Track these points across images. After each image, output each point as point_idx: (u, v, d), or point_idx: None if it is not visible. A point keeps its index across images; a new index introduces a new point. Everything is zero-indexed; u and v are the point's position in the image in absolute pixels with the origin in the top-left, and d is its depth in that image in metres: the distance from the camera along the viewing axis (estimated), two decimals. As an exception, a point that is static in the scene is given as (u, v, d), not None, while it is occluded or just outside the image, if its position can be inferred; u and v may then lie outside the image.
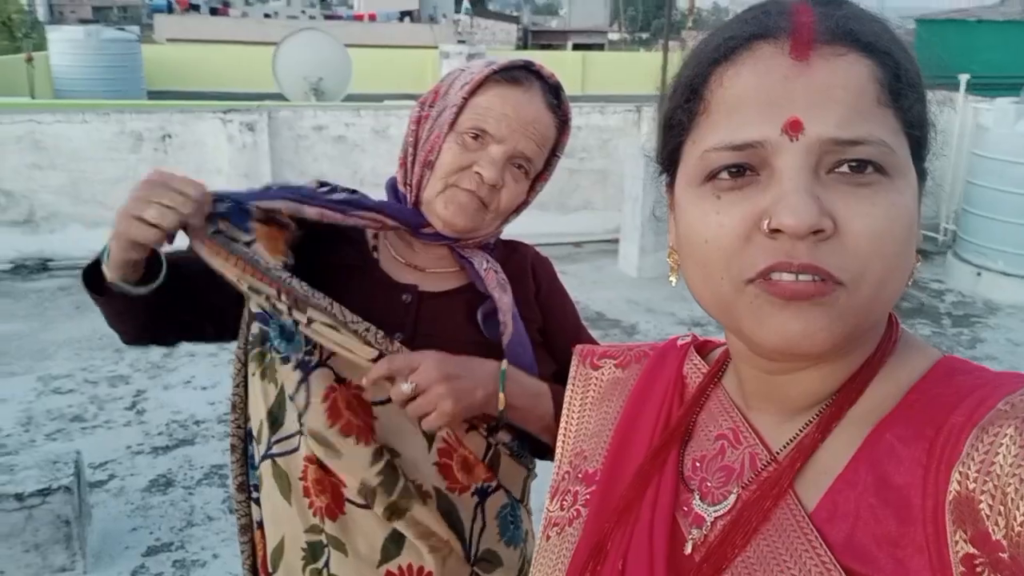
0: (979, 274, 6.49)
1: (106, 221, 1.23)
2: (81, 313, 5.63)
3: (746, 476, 0.68)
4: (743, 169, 0.61)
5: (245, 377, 1.30)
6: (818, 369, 0.66)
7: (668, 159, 0.70)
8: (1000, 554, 0.53)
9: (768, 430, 0.70)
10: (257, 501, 1.31)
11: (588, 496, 0.80)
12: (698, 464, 0.73)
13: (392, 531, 1.22)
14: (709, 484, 0.71)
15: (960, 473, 0.55)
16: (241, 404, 1.31)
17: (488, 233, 1.35)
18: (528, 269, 1.44)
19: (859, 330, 0.62)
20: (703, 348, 0.84)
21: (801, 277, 0.58)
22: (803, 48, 0.58)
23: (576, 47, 27.84)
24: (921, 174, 0.64)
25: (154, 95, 13.69)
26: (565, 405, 0.91)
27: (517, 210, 1.35)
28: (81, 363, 4.85)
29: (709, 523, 0.68)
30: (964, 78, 7.03)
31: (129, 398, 4.44)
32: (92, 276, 1.23)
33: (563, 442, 0.89)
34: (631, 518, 0.73)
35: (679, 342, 0.85)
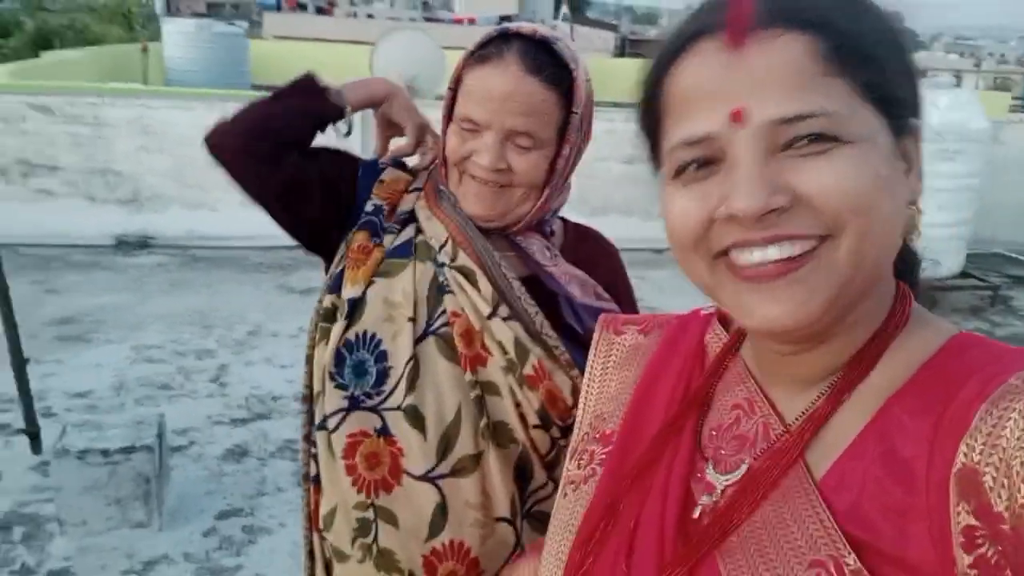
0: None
1: (206, 203, 1.38)
2: (176, 289, 5.91)
3: (759, 446, 0.70)
4: (707, 161, 0.63)
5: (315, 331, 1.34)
6: (827, 345, 0.67)
7: (655, 160, 0.72)
8: (1001, 526, 0.53)
9: (782, 401, 0.71)
10: (315, 457, 1.35)
11: (604, 456, 0.82)
12: (714, 433, 0.74)
13: (439, 504, 1.24)
14: (723, 452, 0.72)
15: (967, 445, 0.56)
16: (311, 357, 1.34)
17: (530, 213, 1.32)
18: (597, 256, 1.43)
19: (846, 294, 0.62)
20: (726, 319, 0.84)
21: (769, 254, 0.61)
22: (738, 37, 0.60)
23: (673, 57, 27.35)
24: (903, 128, 0.64)
25: (258, 88, 14.18)
26: (588, 369, 0.92)
27: (553, 178, 1.30)
28: (172, 335, 5.08)
29: (720, 490, 0.70)
30: None
31: (213, 371, 4.63)
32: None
33: (584, 404, 0.91)
34: (646, 482, 0.75)
35: (703, 312, 0.87)
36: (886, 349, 0.67)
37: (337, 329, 1.29)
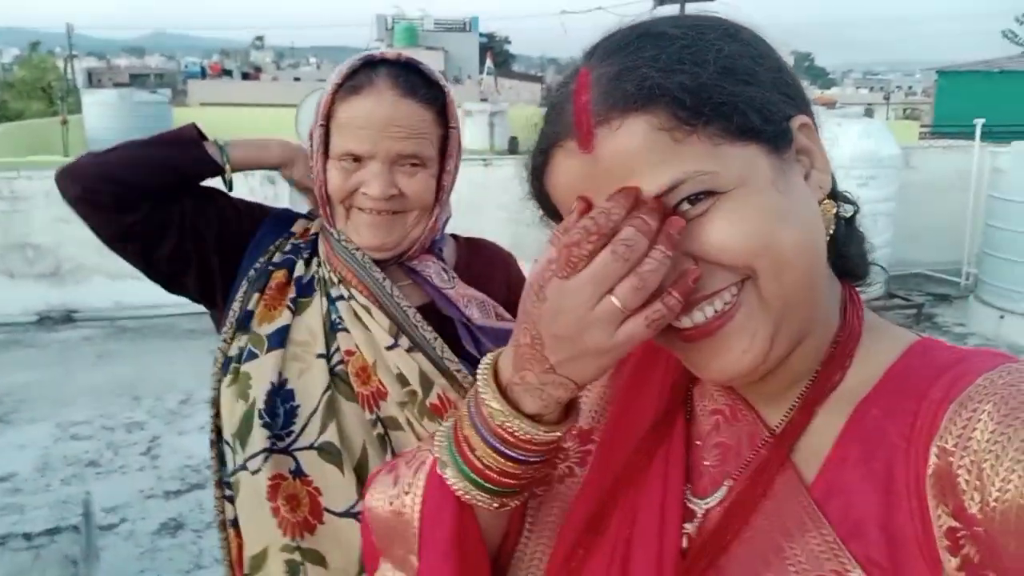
0: (1002, 317, 6.40)
1: (130, 272, 1.37)
2: (103, 362, 5.72)
3: (744, 455, 0.69)
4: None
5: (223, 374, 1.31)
6: (789, 359, 0.67)
7: None
8: (975, 528, 0.54)
9: (762, 407, 0.71)
10: (230, 499, 1.30)
11: (582, 453, 0.79)
12: (698, 443, 0.73)
13: None
14: (707, 463, 0.71)
15: (938, 447, 0.57)
16: (217, 401, 1.31)
17: (423, 235, 1.32)
18: (494, 271, 1.43)
19: (787, 323, 0.63)
20: None
21: (696, 319, 0.62)
22: (585, 143, 0.61)
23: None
24: (783, 137, 0.63)
25: (184, 155, 14.02)
26: None
27: (442, 196, 1.32)
28: (100, 410, 4.91)
29: (700, 514, 0.69)
30: (979, 123, 7.04)
31: (144, 444, 4.47)
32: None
33: None
34: (635, 488, 0.72)
35: None
36: (854, 351, 0.67)
37: (268, 365, 1.26)
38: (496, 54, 37.32)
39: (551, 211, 0.70)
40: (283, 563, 1.24)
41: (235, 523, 1.30)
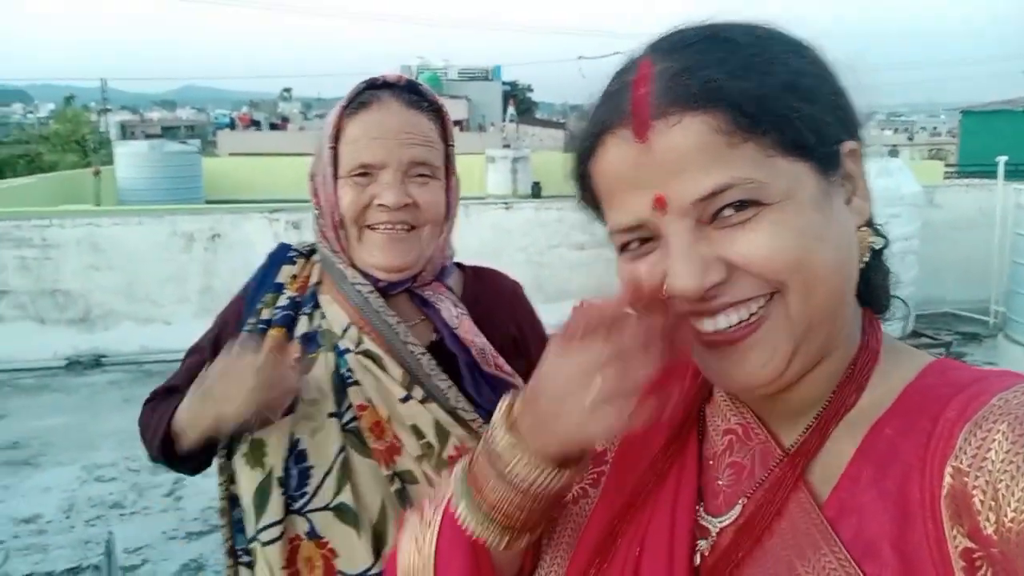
0: (1032, 355, 6.29)
1: (157, 318, 1.37)
2: (129, 405, 5.76)
3: (757, 474, 0.69)
4: (645, 239, 0.66)
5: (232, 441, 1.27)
6: (805, 380, 0.67)
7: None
8: (991, 549, 0.54)
9: (777, 428, 0.71)
10: (248, 565, 1.26)
11: (596, 474, 0.79)
12: (711, 462, 0.73)
13: None
14: (720, 483, 0.71)
15: (953, 468, 0.57)
16: (228, 468, 1.27)
17: (435, 256, 1.31)
18: (498, 295, 1.41)
19: (808, 342, 0.64)
20: None
21: (720, 323, 0.63)
22: (640, 132, 0.62)
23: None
24: (833, 159, 0.65)
25: (212, 202, 14.32)
26: None
27: (449, 213, 1.32)
28: (125, 453, 4.94)
29: (715, 533, 0.69)
30: (1002, 160, 7.00)
31: (168, 486, 4.50)
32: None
33: None
34: (646, 509, 0.72)
35: None
36: (871, 373, 0.67)
37: (280, 430, 1.22)
38: (519, 101, 37.82)
39: (590, 196, 0.71)
40: None
41: None
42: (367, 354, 1.26)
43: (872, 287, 0.72)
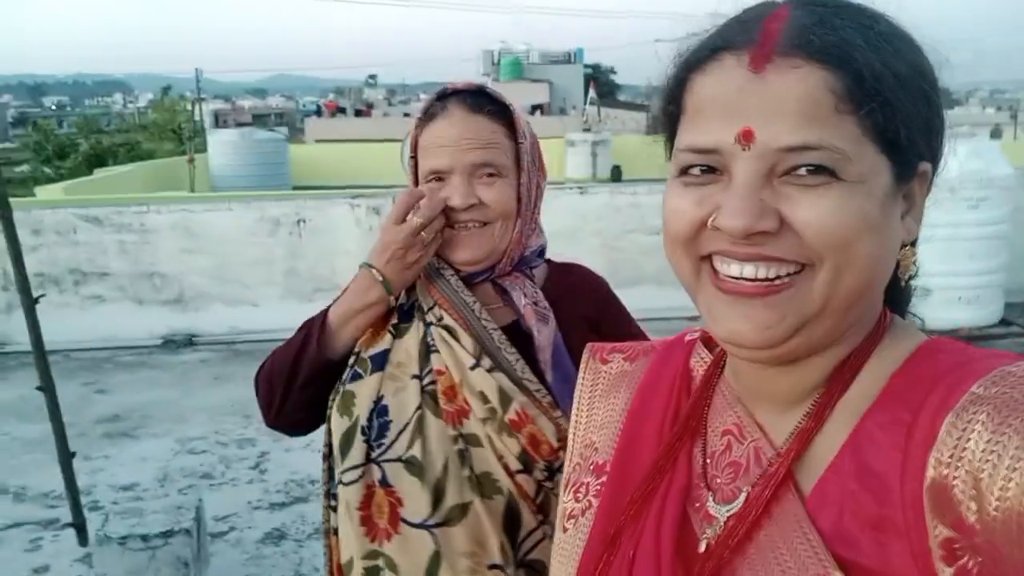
0: None
1: (245, 300, 1.54)
2: (219, 383, 6.08)
3: (752, 472, 0.70)
4: (710, 168, 0.66)
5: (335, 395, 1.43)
6: (803, 366, 0.69)
7: (668, 149, 0.74)
8: (975, 539, 0.55)
9: (770, 423, 0.72)
10: (335, 509, 1.42)
11: (599, 487, 0.82)
12: (708, 461, 0.75)
13: (435, 552, 1.30)
14: (719, 481, 0.72)
15: (935, 459, 0.57)
16: (329, 419, 1.43)
17: (510, 246, 1.41)
18: (581, 289, 1.49)
19: (815, 325, 0.65)
20: (710, 341, 0.84)
21: (746, 272, 0.64)
22: (759, 61, 0.62)
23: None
24: (908, 171, 0.66)
25: (298, 188, 14.77)
26: (576, 398, 0.92)
27: (521, 208, 1.40)
28: (214, 427, 5.22)
29: (722, 522, 0.70)
30: None
31: (254, 459, 4.73)
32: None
33: (574, 434, 0.91)
34: (644, 512, 0.74)
35: (688, 337, 0.87)
36: (863, 365, 0.68)
37: (370, 385, 1.38)
38: (601, 84, 37.50)
39: (674, 108, 0.70)
40: (363, 570, 1.34)
41: (336, 531, 1.42)
42: (445, 327, 1.39)
43: (901, 296, 0.74)
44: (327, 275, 7.01)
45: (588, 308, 1.47)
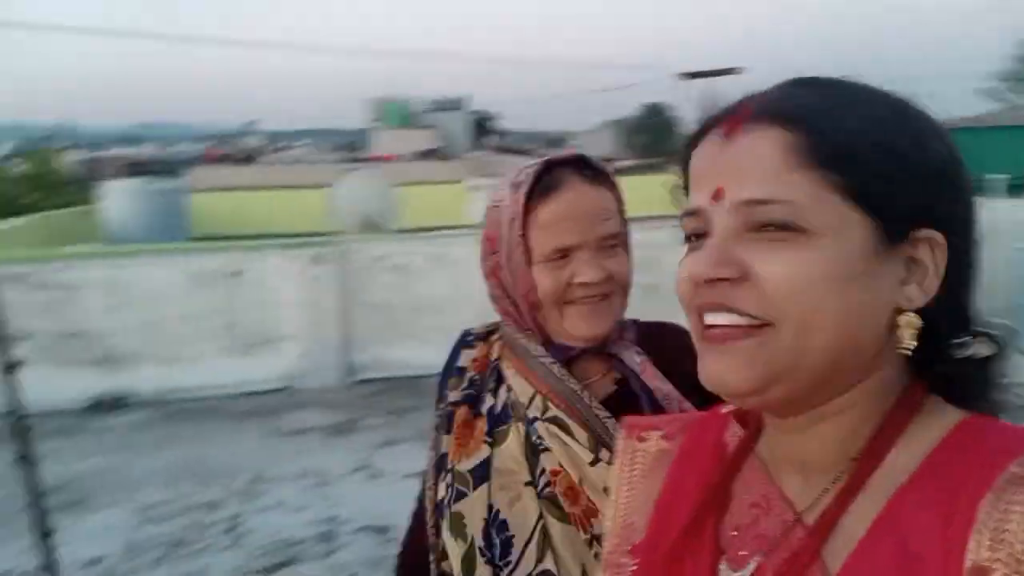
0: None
1: (179, 357, 1.42)
2: (165, 444, 5.81)
3: (780, 547, 0.69)
4: (701, 234, 0.70)
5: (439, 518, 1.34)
6: (819, 428, 0.69)
7: None
8: None
9: (796, 492, 0.72)
10: None
11: (634, 568, 0.82)
12: (735, 533, 0.74)
13: None
14: (743, 553, 0.72)
15: (976, 542, 0.57)
16: (437, 545, 1.33)
17: (622, 314, 1.36)
18: (675, 348, 1.37)
19: (796, 379, 0.66)
20: (744, 417, 0.83)
21: (718, 319, 0.67)
22: (730, 129, 0.68)
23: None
24: (900, 234, 0.65)
25: (196, 239, 14.29)
26: (614, 478, 0.92)
27: (631, 280, 1.36)
28: (173, 492, 4.96)
29: (750, 570, 0.70)
30: (1003, 179, 7.28)
31: (225, 522, 4.53)
32: None
33: (614, 514, 0.90)
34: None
35: (723, 410, 0.87)
36: (895, 442, 0.67)
37: (479, 501, 1.28)
38: (487, 130, 38.05)
39: (686, 186, 0.76)
40: None
41: None
42: (554, 420, 1.29)
43: (929, 357, 0.69)
44: (269, 328, 6.83)
45: (686, 363, 1.41)
